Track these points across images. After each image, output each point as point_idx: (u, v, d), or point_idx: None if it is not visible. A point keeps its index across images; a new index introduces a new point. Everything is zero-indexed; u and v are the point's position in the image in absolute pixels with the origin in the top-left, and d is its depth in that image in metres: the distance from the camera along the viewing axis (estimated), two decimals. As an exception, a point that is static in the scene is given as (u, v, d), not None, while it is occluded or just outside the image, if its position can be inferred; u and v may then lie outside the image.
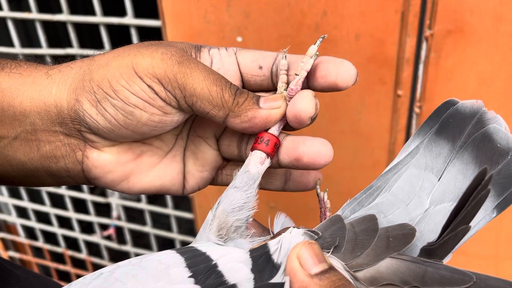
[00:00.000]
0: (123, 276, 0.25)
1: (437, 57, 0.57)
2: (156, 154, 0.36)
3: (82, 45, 0.82)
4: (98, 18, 0.74)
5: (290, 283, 0.23)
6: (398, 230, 0.27)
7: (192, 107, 0.31)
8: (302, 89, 0.33)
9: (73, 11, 0.77)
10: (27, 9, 0.80)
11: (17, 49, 0.85)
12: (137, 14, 0.74)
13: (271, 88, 0.36)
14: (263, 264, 0.25)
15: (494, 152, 0.29)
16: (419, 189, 0.29)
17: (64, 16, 0.76)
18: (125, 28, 0.74)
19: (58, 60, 0.36)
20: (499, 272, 0.71)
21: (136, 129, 0.32)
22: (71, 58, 0.36)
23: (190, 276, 0.24)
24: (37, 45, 0.84)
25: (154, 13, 0.68)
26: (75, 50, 0.81)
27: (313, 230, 0.28)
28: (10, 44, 0.86)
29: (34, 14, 0.78)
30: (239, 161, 0.37)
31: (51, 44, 0.83)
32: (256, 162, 0.31)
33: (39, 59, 0.37)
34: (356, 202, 0.31)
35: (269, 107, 0.31)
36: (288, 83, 0.34)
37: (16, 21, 0.83)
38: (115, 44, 0.43)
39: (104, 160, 0.34)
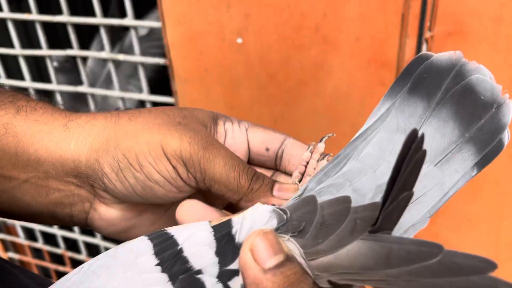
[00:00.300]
0: (98, 269, 0.25)
1: (437, 59, 0.56)
2: (158, 210, 0.36)
3: (83, 46, 0.82)
4: (99, 19, 0.74)
5: (242, 279, 0.22)
6: (369, 210, 0.23)
7: (209, 188, 0.32)
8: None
9: (73, 12, 0.77)
10: (27, 10, 0.80)
11: (17, 50, 0.85)
12: (138, 15, 0.74)
13: (273, 167, 0.37)
14: (226, 246, 0.24)
15: (477, 105, 0.25)
16: (389, 153, 0.26)
17: (64, 17, 0.76)
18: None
19: (76, 107, 0.36)
20: (499, 274, 0.70)
21: (149, 200, 0.33)
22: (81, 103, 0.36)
23: (157, 264, 0.24)
24: (37, 46, 0.84)
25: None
26: (75, 51, 0.81)
27: (283, 209, 0.25)
28: (10, 45, 0.86)
29: (34, 15, 0.79)
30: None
31: (51, 45, 0.83)
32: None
33: (53, 101, 0.36)
34: (323, 172, 0.28)
35: (281, 196, 0.32)
36: (302, 174, 0.33)
37: (16, 22, 0.83)
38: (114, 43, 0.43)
39: (110, 215, 0.34)
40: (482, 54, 0.55)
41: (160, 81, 0.83)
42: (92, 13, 0.75)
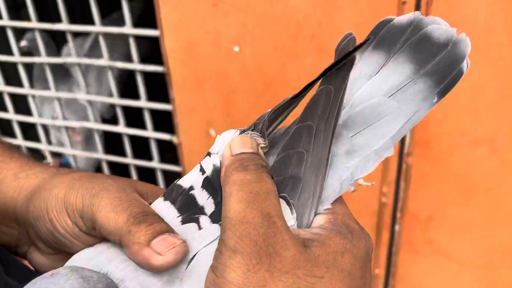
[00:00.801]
0: None
1: (430, 68, 0.58)
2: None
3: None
4: (98, 27, 0.75)
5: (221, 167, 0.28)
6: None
7: (104, 236, 0.29)
8: None
9: (72, 19, 0.78)
10: (27, 18, 0.80)
11: (16, 57, 0.86)
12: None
13: None
14: (205, 161, 0.30)
15: (432, 47, 0.28)
16: (348, 92, 0.29)
17: (64, 26, 0.77)
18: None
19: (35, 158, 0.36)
20: (493, 280, 0.71)
21: (67, 250, 0.31)
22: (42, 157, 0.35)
23: (161, 197, 0.30)
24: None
25: (152, 22, 0.69)
26: (73, 58, 0.81)
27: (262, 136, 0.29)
28: (9, 52, 0.87)
29: (33, 23, 0.79)
30: None
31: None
32: None
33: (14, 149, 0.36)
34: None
35: (156, 249, 0.26)
36: None
37: (15, 29, 0.84)
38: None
39: (39, 261, 0.34)
40: (474, 63, 0.56)
41: (157, 88, 0.84)
42: (90, 20, 0.76)
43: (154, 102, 0.79)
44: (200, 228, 0.28)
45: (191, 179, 0.30)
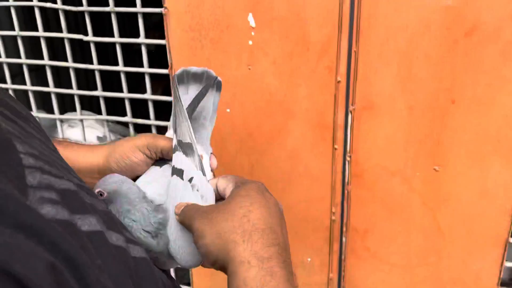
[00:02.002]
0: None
1: (358, 123, 0.87)
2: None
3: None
4: (116, 39, 1.01)
5: None
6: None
7: (162, 155, 0.59)
8: None
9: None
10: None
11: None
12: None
13: None
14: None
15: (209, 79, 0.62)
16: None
17: (90, 38, 1.03)
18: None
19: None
20: (413, 278, 0.97)
21: (136, 173, 0.59)
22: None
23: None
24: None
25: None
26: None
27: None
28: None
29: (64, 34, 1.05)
30: None
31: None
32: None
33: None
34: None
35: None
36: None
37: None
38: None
39: None
40: (385, 120, 0.86)
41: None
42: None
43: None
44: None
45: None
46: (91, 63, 1.00)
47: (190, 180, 0.52)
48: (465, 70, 0.78)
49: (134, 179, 0.57)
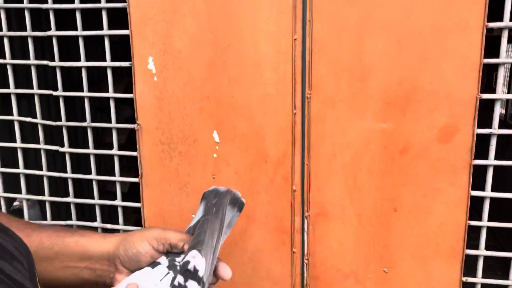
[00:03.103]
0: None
1: (314, 228, 0.95)
2: None
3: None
4: (108, 63, 1.07)
5: None
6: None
7: (171, 248, 0.66)
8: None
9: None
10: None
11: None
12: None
13: None
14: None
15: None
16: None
17: (82, 63, 1.07)
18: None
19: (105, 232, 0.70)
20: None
21: (142, 265, 0.65)
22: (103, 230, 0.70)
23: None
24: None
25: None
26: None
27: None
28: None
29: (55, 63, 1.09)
30: None
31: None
32: None
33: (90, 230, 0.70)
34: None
35: None
36: None
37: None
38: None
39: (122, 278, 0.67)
40: (337, 225, 0.94)
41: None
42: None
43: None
44: None
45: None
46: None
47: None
48: (403, 182, 0.89)
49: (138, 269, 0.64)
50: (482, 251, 0.92)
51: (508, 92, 3.88)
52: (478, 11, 0.80)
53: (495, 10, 0.88)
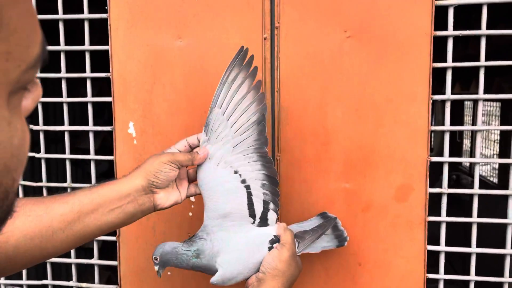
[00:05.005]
0: None
1: (284, 284, 1.00)
2: (170, 187, 0.84)
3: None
4: (87, 74, 1.09)
5: None
6: None
7: (185, 165, 0.83)
8: None
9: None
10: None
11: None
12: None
13: None
14: None
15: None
16: None
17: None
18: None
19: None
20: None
21: (169, 180, 0.81)
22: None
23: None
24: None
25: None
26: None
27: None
28: None
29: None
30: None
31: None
32: None
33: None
34: None
35: (203, 152, 0.84)
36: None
37: None
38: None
39: (161, 197, 0.82)
40: (306, 282, 0.99)
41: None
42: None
43: (103, 311, 1.09)
44: None
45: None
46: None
47: None
48: (365, 238, 0.96)
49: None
50: (441, 303, 0.98)
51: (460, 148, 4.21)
52: (423, 85, 0.91)
53: (438, 83, 1.00)
